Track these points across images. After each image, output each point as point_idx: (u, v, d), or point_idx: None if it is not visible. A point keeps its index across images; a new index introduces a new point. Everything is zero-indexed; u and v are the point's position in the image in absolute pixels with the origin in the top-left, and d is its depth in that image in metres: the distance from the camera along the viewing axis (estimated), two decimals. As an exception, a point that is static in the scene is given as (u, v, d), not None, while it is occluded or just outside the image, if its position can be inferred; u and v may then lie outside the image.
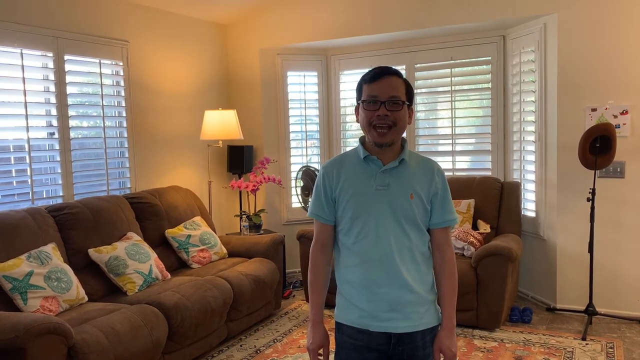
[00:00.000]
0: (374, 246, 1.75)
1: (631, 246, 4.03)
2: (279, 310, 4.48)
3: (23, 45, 3.62)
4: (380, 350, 1.78)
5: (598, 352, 3.52)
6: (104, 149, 4.19)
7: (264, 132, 5.34)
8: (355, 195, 1.78)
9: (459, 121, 4.95)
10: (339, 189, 1.80)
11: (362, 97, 1.78)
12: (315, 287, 1.87)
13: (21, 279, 2.95)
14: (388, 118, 1.72)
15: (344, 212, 1.80)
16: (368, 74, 1.78)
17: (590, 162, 3.87)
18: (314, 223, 1.89)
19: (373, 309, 1.76)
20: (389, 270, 1.75)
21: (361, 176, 1.79)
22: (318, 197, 1.85)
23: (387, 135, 1.73)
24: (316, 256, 1.87)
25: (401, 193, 1.76)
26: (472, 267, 3.91)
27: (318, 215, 1.85)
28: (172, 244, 4.12)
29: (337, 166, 1.84)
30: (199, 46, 5.13)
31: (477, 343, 3.71)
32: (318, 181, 1.86)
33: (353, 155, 1.85)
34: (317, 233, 1.88)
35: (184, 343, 3.34)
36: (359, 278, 1.77)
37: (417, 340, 1.78)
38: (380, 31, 4.78)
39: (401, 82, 1.76)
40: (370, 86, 1.75)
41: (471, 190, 4.55)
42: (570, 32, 4.06)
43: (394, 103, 1.73)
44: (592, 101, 4.05)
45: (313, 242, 1.89)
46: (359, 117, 1.80)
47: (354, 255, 1.79)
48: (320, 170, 1.87)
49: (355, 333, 1.79)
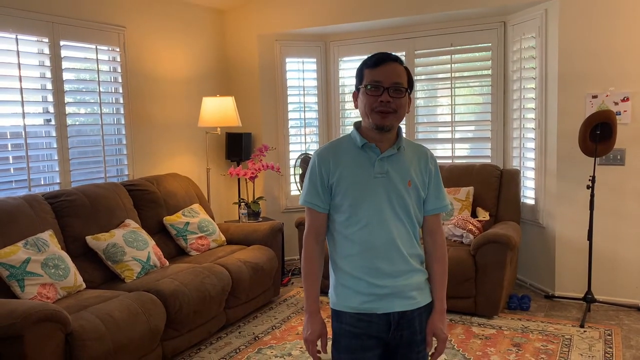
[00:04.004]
0: (376, 234, 1.74)
1: (630, 234, 4.02)
2: (277, 298, 4.49)
3: (18, 30, 3.58)
4: (379, 337, 1.78)
5: (596, 339, 3.52)
6: (101, 135, 4.17)
7: (263, 119, 5.31)
8: (354, 183, 1.75)
9: (459, 108, 4.92)
10: (337, 176, 1.76)
11: (363, 82, 1.75)
12: (310, 277, 1.84)
13: (18, 266, 2.94)
14: (390, 105, 1.71)
15: (342, 200, 1.76)
16: (371, 59, 1.75)
17: (590, 149, 3.85)
18: (307, 212, 1.84)
19: (376, 292, 1.75)
20: (391, 256, 1.75)
21: (359, 163, 1.77)
22: (313, 185, 1.80)
23: (388, 117, 1.72)
24: (311, 246, 1.83)
25: (400, 180, 1.77)
26: (471, 255, 3.91)
27: (313, 204, 1.80)
28: (171, 232, 4.11)
29: (332, 153, 1.80)
30: (197, 32, 5.08)
31: (475, 330, 3.71)
32: (313, 168, 1.81)
33: (348, 142, 1.81)
34: (310, 222, 1.83)
35: (183, 330, 3.34)
36: (360, 266, 1.76)
37: (415, 324, 1.80)
38: (379, 17, 4.73)
39: (403, 69, 1.75)
40: (373, 71, 1.72)
41: (470, 177, 4.53)
42: (572, 19, 4.02)
43: (397, 90, 1.72)
44: (593, 88, 4.02)
45: (306, 232, 1.84)
46: (359, 102, 1.78)
47: (353, 244, 1.76)
48: (314, 157, 1.81)
49: (355, 321, 1.77)
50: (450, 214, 4.37)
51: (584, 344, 3.45)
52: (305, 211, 1.85)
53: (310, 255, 1.83)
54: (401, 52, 5.05)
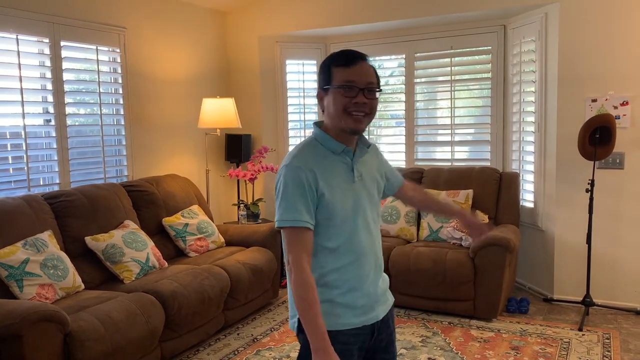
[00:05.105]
0: (365, 241, 1.68)
1: (629, 237, 4.03)
2: (276, 299, 4.48)
3: (18, 30, 3.58)
4: (363, 347, 1.71)
5: (594, 342, 3.52)
6: (100, 136, 4.17)
7: (263, 121, 5.31)
8: (341, 191, 1.64)
9: (458, 111, 4.92)
10: (325, 187, 1.61)
11: (333, 82, 1.63)
12: (317, 306, 1.55)
13: (17, 267, 2.94)
14: (365, 106, 1.62)
15: (331, 212, 1.61)
16: (340, 57, 1.64)
17: (589, 153, 3.85)
18: (294, 233, 1.57)
19: (367, 303, 1.69)
20: (375, 262, 1.73)
21: (340, 170, 1.66)
22: (301, 200, 1.57)
23: (363, 120, 1.64)
24: (307, 271, 1.57)
25: (370, 180, 1.74)
26: (469, 258, 3.91)
27: (306, 222, 1.58)
28: (170, 233, 4.10)
29: (313, 161, 1.63)
30: (198, 33, 5.08)
31: (474, 333, 3.72)
32: (299, 181, 1.58)
33: (317, 147, 1.67)
34: (301, 244, 1.58)
35: (181, 331, 3.34)
36: (352, 277, 1.66)
37: (390, 324, 1.80)
38: (380, 19, 4.74)
39: (373, 69, 1.67)
40: (346, 71, 1.61)
41: (470, 180, 4.54)
42: (572, 22, 4.03)
43: (371, 91, 1.63)
44: (593, 92, 4.03)
45: (297, 256, 1.57)
46: (327, 103, 1.65)
47: (341, 256, 1.64)
48: (297, 170, 1.59)
49: (348, 337, 1.65)
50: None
51: (582, 348, 3.45)
52: (290, 233, 1.58)
53: (310, 281, 1.56)
54: (401, 54, 5.06)
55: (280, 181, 1.62)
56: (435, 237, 4.39)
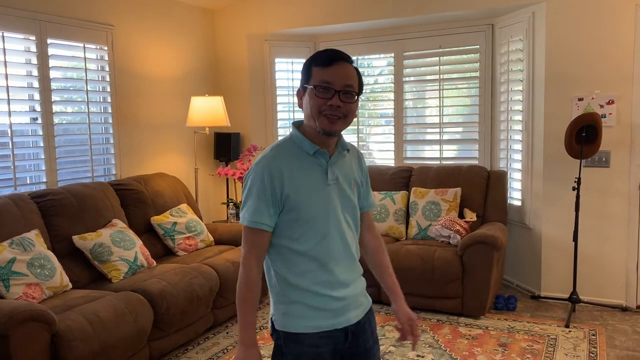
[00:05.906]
0: (335, 245, 1.65)
1: (615, 235, 4.07)
2: (265, 298, 4.48)
3: (4, 28, 3.54)
4: (336, 350, 1.68)
5: (581, 339, 3.56)
6: (88, 135, 4.14)
7: (252, 119, 5.30)
8: (311, 194, 1.61)
9: (447, 110, 4.95)
10: (292, 188, 1.59)
11: (311, 82, 1.59)
12: (249, 302, 1.61)
13: (3, 266, 2.91)
14: (340, 109, 1.57)
15: (298, 214, 1.60)
16: (320, 56, 1.60)
17: (576, 151, 3.89)
18: (249, 232, 1.61)
19: (336, 306, 1.65)
20: (350, 266, 1.70)
21: (312, 172, 1.63)
22: (262, 201, 1.58)
23: (337, 123, 1.60)
24: (255, 270, 1.61)
25: (347, 184, 1.70)
26: (457, 255, 3.93)
27: (262, 223, 1.59)
28: (158, 231, 4.09)
29: (283, 161, 1.61)
30: (186, 31, 5.06)
31: (462, 330, 3.74)
32: (261, 181, 1.59)
33: (293, 147, 1.65)
34: (253, 243, 1.61)
35: (170, 330, 3.33)
36: (321, 281, 1.63)
37: (367, 328, 1.75)
38: (369, 18, 4.75)
39: (355, 71, 1.62)
40: (324, 71, 1.57)
41: (458, 178, 4.56)
42: (558, 22, 4.07)
43: (348, 94, 1.58)
44: (579, 91, 4.07)
45: (246, 254, 1.62)
46: (304, 103, 1.62)
47: (309, 260, 1.62)
48: (261, 169, 1.59)
49: (317, 339, 1.63)
50: (437, 215, 4.39)
51: (569, 344, 3.49)
52: (247, 232, 1.62)
53: (252, 280, 1.61)
54: (390, 53, 5.07)
55: (249, 179, 1.63)
56: (423, 235, 4.42)
